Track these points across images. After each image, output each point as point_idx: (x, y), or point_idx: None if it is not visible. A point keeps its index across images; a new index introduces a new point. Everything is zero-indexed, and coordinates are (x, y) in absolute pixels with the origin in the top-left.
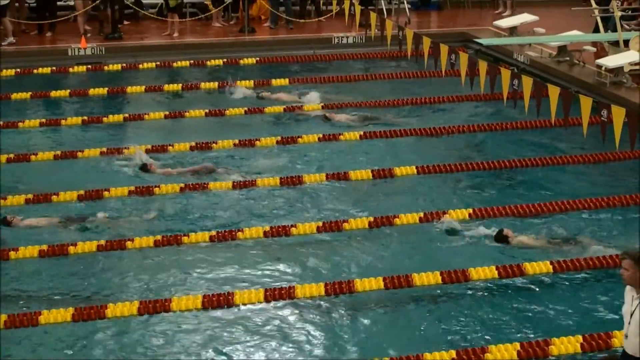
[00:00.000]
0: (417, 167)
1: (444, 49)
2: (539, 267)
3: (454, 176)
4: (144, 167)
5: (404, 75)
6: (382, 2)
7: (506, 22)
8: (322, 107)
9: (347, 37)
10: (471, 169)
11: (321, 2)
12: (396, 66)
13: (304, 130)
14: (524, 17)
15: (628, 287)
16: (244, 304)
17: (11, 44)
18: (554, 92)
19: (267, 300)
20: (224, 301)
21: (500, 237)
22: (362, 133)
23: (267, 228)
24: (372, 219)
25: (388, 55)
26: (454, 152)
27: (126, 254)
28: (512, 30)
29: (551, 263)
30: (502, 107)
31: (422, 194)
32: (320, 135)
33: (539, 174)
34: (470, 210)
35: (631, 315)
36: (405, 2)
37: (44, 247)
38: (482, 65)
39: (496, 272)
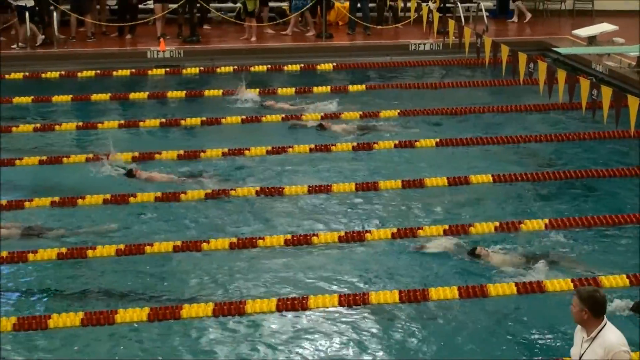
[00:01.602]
0: (492, 176)
1: (522, 57)
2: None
3: (530, 185)
4: (129, 173)
5: (481, 83)
6: (460, 9)
7: (585, 32)
8: (399, 113)
9: (425, 44)
10: (548, 178)
11: (399, 8)
12: (473, 74)
13: (379, 137)
14: (604, 27)
15: (578, 327)
16: (318, 308)
17: (22, 49)
18: (633, 102)
19: (340, 305)
20: (298, 305)
21: (474, 255)
22: (438, 140)
23: (342, 233)
24: (447, 226)
25: (465, 63)
26: (531, 161)
27: (202, 255)
28: (591, 40)
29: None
30: (580, 116)
31: (498, 203)
32: (397, 142)
33: (617, 185)
34: (547, 221)
35: (580, 358)
36: (483, 9)
37: (121, 246)
38: (561, 75)
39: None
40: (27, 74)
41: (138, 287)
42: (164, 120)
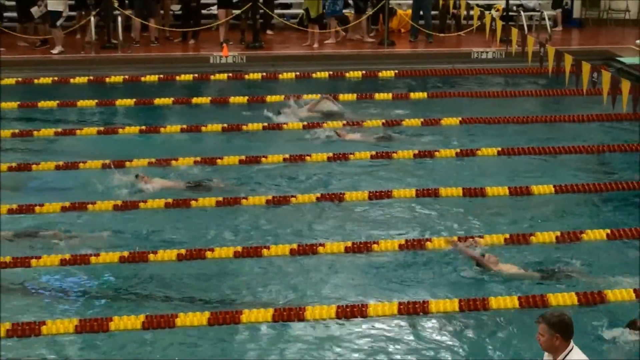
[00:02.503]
0: (554, 186)
1: (585, 66)
2: None
3: (591, 196)
4: (136, 178)
5: (544, 92)
6: (523, 18)
7: None
8: (461, 121)
9: (487, 53)
10: (611, 189)
11: (462, 16)
12: (535, 83)
13: (441, 145)
14: None
15: (546, 354)
16: (378, 316)
17: (61, 53)
18: None
19: (400, 313)
20: (357, 312)
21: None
22: (499, 149)
23: (402, 241)
24: (507, 235)
25: (528, 72)
26: (594, 172)
27: (262, 260)
28: None
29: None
30: None
31: (559, 213)
32: (458, 150)
33: None
34: (608, 231)
35: None
36: (546, 18)
37: (182, 251)
38: (625, 85)
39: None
40: (91, 78)
41: (198, 292)
42: (225, 125)
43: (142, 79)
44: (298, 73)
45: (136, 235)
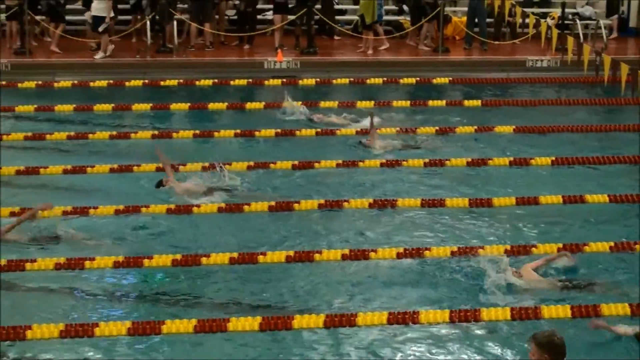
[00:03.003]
0: (609, 196)
1: None
2: None
3: None
4: (159, 184)
5: (599, 101)
6: (579, 26)
7: None
8: (514, 130)
9: (542, 61)
10: None
11: (517, 24)
12: (591, 92)
13: (495, 153)
14: None
15: None
16: (429, 323)
17: (104, 58)
18: None
19: (451, 321)
20: (409, 319)
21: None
22: (553, 158)
23: (455, 248)
24: (560, 245)
25: (583, 81)
26: None
27: (314, 265)
28: None
29: None
30: None
31: (613, 223)
32: (512, 159)
33: None
34: None
35: None
36: (602, 27)
37: (235, 254)
38: None
39: None
40: (146, 81)
41: (250, 296)
42: (279, 130)
43: (197, 83)
44: (352, 79)
45: (189, 238)
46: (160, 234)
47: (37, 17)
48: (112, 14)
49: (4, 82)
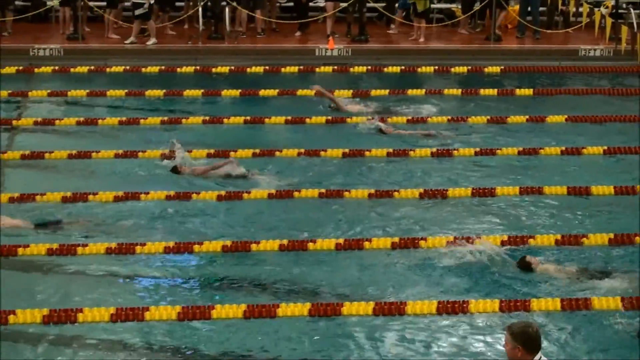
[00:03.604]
0: None
1: None
2: None
3: None
4: (175, 169)
5: None
6: (633, 15)
7: None
8: (567, 119)
9: (595, 50)
10: None
11: (570, 13)
12: None
13: (546, 142)
14: None
15: None
16: (479, 313)
17: (155, 44)
18: None
19: (501, 311)
20: (459, 308)
21: (524, 264)
22: (605, 148)
23: (505, 237)
24: (612, 235)
25: (636, 70)
26: None
27: (364, 253)
28: None
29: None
30: None
31: None
32: (563, 148)
33: None
34: None
35: None
36: None
37: (284, 241)
38: None
39: None
40: (197, 67)
41: (299, 283)
42: (329, 117)
43: (248, 70)
44: (403, 67)
45: (238, 225)
46: (211, 219)
47: (90, 3)
48: (152, 1)
49: (56, 67)
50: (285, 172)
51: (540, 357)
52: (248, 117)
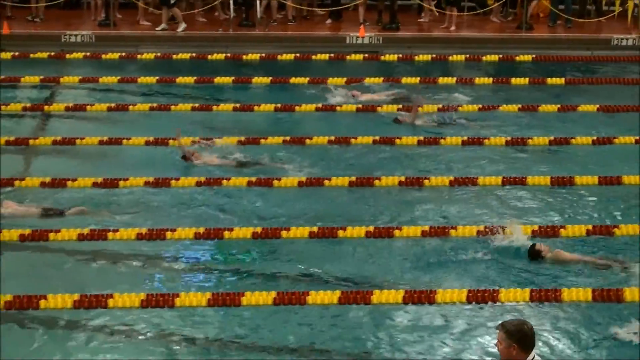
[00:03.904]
0: None
1: None
2: None
3: None
4: (184, 157)
5: None
6: None
7: None
8: (598, 109)
9: (627, 40)
10: None
11: (603, 2)
12: None
13: (578, 132)
14: None
15: None
16: (509, 302)
17: (185, 30)
18: None
19: (532, 300)
20: (488, 297)
21: (534, 252)
22: (637, 137)
23: (536, 227)
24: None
25: None
26: None
27: (392, 242)
28: None
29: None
30: None
31: None
32: (594, 138)
33: None
34: None
35: None
36: None
37: (314, 228)
38: None
39: None
40: (228, 55)
41: (329, 270)
42: (360, 105)
43: (279, 57)
44: (434, 55)
45: (269, 211)
46: (241, 206)
47: None
48: None
49: (88, 54)
50: (315, 160)
51: (534, 357)
52: (278, 105)
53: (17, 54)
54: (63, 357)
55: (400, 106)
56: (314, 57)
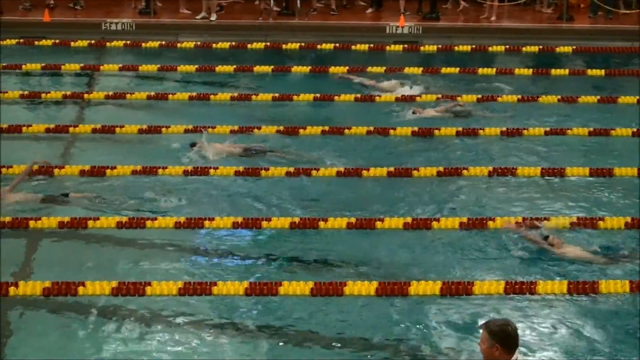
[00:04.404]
0: None
1: None
2: None
3: None
4: (193, 145)
5: None
6: None
7: None
8: (638, 101)
9: None
10: None
11: None
12: None
13: (617, 124)
14: None
15: None
16: (546, 294)
17: (216, 20)
18: None
19: (569, 293)
20: (526, 289)
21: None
22: None
23: (574, 219)
24: None
25: None
26: None
27: (430, 233)
28: None
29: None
30: None
31: None
32: (634, 130)
33: None
34: None
35: None
36: None
37: (352, 219)
38: None
39: None
40: (267, 44)
41: (367, 261)
42: (399, 96)
43: (318, 46)
44: (474, 46)
45: (306, 202)
46: (279, 196)
47: None
48: None
49: (128, 42)
50: (353, 150)
51: (517, 357)
52: (317, 95)
53: (57, 41)
54: (100, 344)
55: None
56: (353, 46)
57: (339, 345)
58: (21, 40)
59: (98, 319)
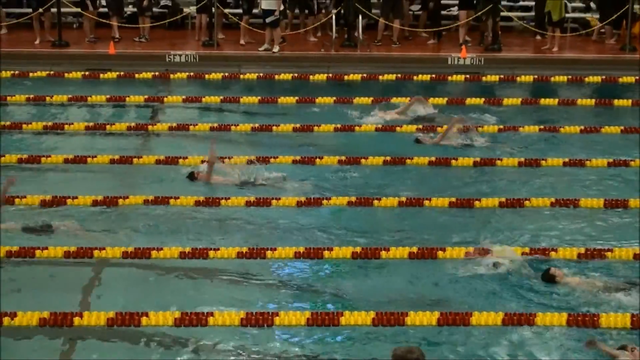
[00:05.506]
0: None
1: None
2: None
3: None
4: (191, 176)
5: None
6: None
7: None
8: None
9: None
10: None
11: None
12: None
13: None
14: None
15: None
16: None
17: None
18: None
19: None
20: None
21: (548, 277)
22: None
23: (637, 250)
24: None
25: None
26: None
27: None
28: None
29: None
30: None
31: None
32: None
33: None
34: None
35: None
36: None
37: (414, 249)
38: None
39: None
40: (330, 75)
41: (428, 291)
42: (461, 126)
43: (380, 77)
44: (536, 76)
45: (368, 232)
46: (340, 226)
47: (226, 10)
48: (281, 8)
49: (192, 73)
50: (415, 180)
51: None
52: (379, 125)
53: (122, 73)
54: None
55: (420, 126)
56: (415, 77)
57: None
58: (87, 73)
59: (161, 349)
